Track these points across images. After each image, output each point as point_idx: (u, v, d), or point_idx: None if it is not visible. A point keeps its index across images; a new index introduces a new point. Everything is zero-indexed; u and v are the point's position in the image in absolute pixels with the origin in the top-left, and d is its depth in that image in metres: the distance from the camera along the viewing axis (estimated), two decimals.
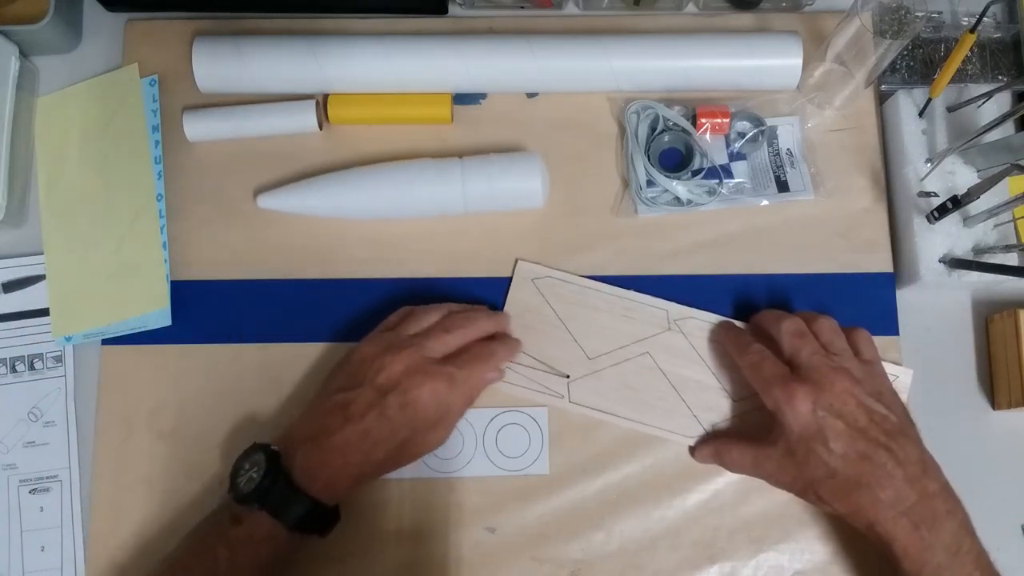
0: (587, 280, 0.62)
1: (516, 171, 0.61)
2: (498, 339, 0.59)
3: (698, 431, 0.60)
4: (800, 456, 0.52)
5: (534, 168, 0.61)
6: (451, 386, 0.54)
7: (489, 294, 0.62)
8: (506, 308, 0.62)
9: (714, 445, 0.58)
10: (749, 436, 0.57)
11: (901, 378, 0.60)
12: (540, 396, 0.60)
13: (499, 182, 0.61)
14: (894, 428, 0.52)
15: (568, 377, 0.61)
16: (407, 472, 0.58)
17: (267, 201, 0.62)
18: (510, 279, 0.62)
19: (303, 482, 0.51)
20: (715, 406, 0.60)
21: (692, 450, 0.59)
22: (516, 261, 0.62)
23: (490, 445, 0.60)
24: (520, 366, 0.61)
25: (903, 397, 0.59)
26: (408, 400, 0.53)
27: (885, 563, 0.51)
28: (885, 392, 0.54)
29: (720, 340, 0.60)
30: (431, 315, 0.58)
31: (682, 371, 0.60)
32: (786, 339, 0.55)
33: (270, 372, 0.61)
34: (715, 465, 0.59)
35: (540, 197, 0.61)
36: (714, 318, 0.61)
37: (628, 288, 0.62)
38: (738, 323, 0.61)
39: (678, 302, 0.62)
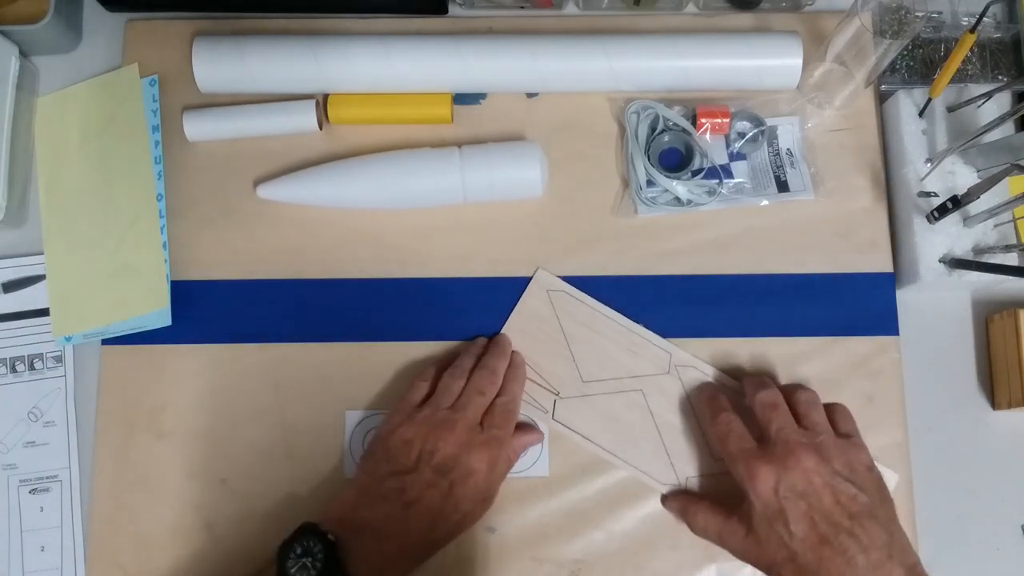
0: (600, 304, 0.62)
1: (515, 159, 0.61)
2: (508, 376, 0.59)
3: (672, 479, 0.59)
4: (762, 536, 0.51)
5: (533, 156, 0.61)
6: (500, 449, 0.55)
7: (489, 295, 0.62)
8: (515, 312, 0.62)
9: (683, 503, 0.57)
10: (719, 503, 0.55)
11: (888, 479, 0.57)
12: (526, 407, 0.60)
13: (498, 171, 0.61)
14: (861, 510, 0.49)
15: (558, 394, 0.60)
16: None
17: (266, 191, 0.62)
18: (510, 279, 0.62)
19: (359, 574, 0.49)
20: (694, 459, 0.59)
21: (663, 499, 0.59)
22: (536, 269, 0.62)
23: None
24: None
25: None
26: (469, 475, 0.53)
27: None
28: (859, 470, 0.52)
29: (695, 403, 0.59)
30: (456, 383, 0.57)
31: (671, 417, 0.60)
32: (758, 409, 0.54)
33: (270, 372, 0.61)
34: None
35: (539, 186, 0.61)
36: (714, 372, 0.61)
37: (627, 288, 0.62)
38: (726, 380, 0.60)
39: (674, 303, 0.62)
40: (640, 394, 0.60)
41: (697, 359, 0.61)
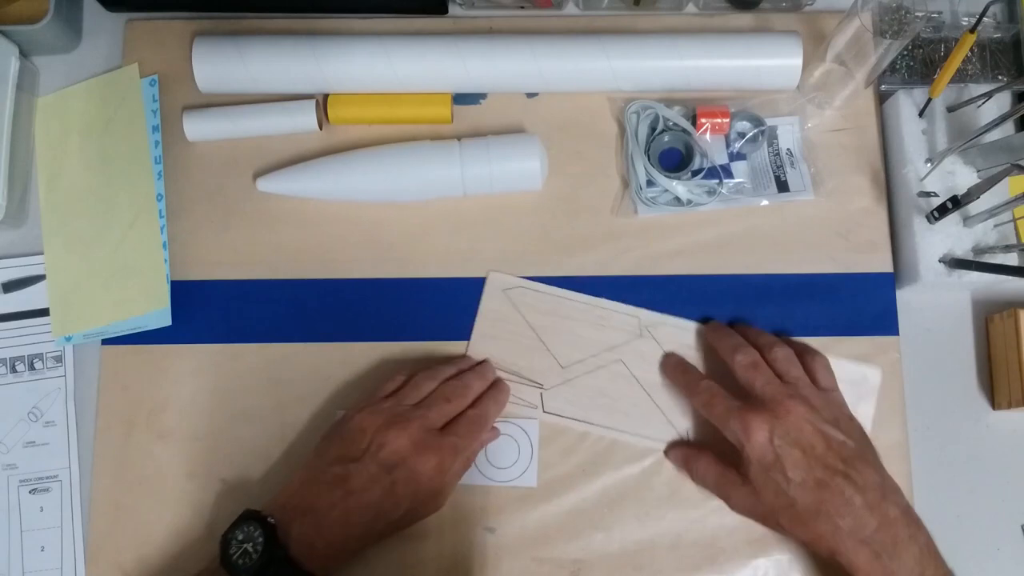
0: (558, 289, 0.62)
1: (514, 151, 0.61)
2: (487, 395, 0.59)
3: (672, 435, 0.60)
4: (759, 485, 0.52)
5: (533, 149, 0.61)
6: (455, 457, 0.54)
7: None
8: (479, 319, 0.62)
9: (685, 452, 0.58)
10: (720, 456, 0.56)
11: (870, 379, 0.60)
12: (514, 408, 0.60)
13: (498, 163, 0.61)
14: (852, 454, 0.51)
15: (542, 387, 0.60)
16: None
17: (266, 184, 0.62)
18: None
19: (300, 557, 0.50)
20: (689, 411, 0.60)
21: (666, 451, 0.59)
22: (488, 272, 0.62)
23: (480, 455, 0.59)
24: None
25: (872, 398, 0.60)
26: (414, 475, 0.52)
27: None
28: (842, 418, 0.54)
29: (669, 379, 0.60)
30: (428, 383, 0.57)
31: (655, 377, 0.60)
32: (740, 371, 0.55)
33: (270, 372, 0.61)
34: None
35: (539, 178, 0.62)
36: (684, 323, 0.61)
37: (627, 288, 0.62)
38: (694, 329, 0.61)
39: (674, 303, 0.62)
40: (620, 363, 0.61)
41: (664, 315, 0.61)
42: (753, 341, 0.58)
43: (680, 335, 0.61)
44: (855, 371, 0.60)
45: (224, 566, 0.50)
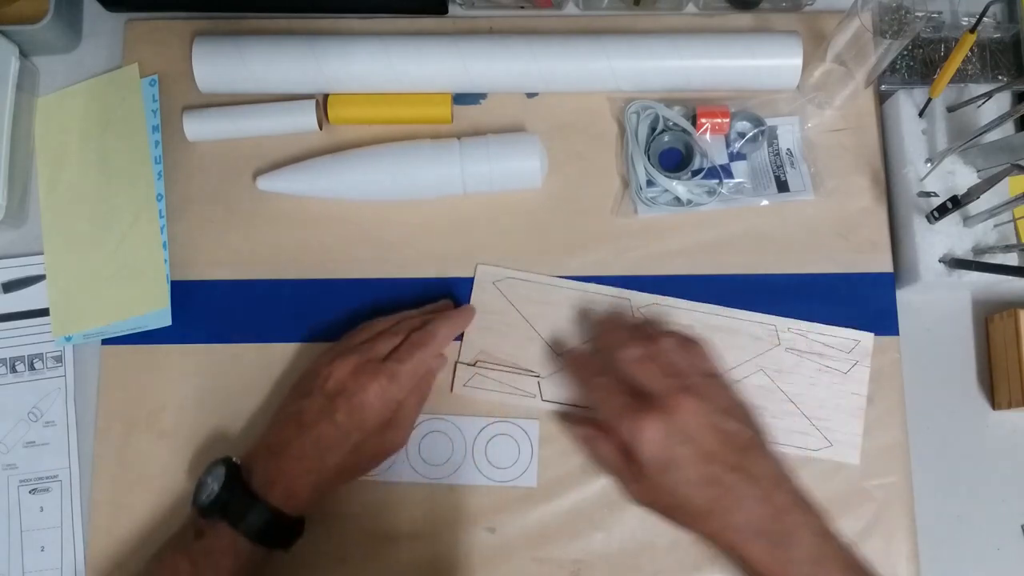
0: (547, 277, 0.62)
1: (514, 149, 0.61)
2: (439, 317, 0.58)
3: None
4: (653, 484, 0.50)
5: (532, 147, 0.61)
6: (393, 380, 0.54)
7: None
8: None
9: (586, 431, 0.55)
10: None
11: (863, 342, 0.60)
12: (513, 398, 0.60)
13: (498, 162, 0.61)
14: (747, 443, 0.50)
15: (539, 376, 0.61)
16: (395, 475, 0.59)
17: (266, 183, 0.62)
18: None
19: (262, 490, 0.51)
20: None
21: (568, 422, 0.58)
22: (476, 266, 0.62)
23: (479, 454, 0.60)
24: (490, 370, 0.60)
25: (866, 362, 0.60)
26: (354, 403, 0.53)
27: None
28: (734, 405, 0.53)
29: (568, 372, 0.60)
30: (383, 323, 0.58)
31: None
32: (625, 367, 0.53)
33: (270, 372, 0.61)
34: None
35: (539, 176, 0.62)
36: (675, 302, 0.61)
37: (628, 288, 0.62)
38: (686, 308, 0.61)
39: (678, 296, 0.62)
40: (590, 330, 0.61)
41: (655, 295, 0.61)
42: (637, 334, 0.56)
43: (672, 314, 0.61)
44: (848, 336, 0.61)
45: (194, 507, 0.52)
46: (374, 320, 0.59)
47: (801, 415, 0.60)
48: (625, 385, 0.53)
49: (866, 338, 0.61)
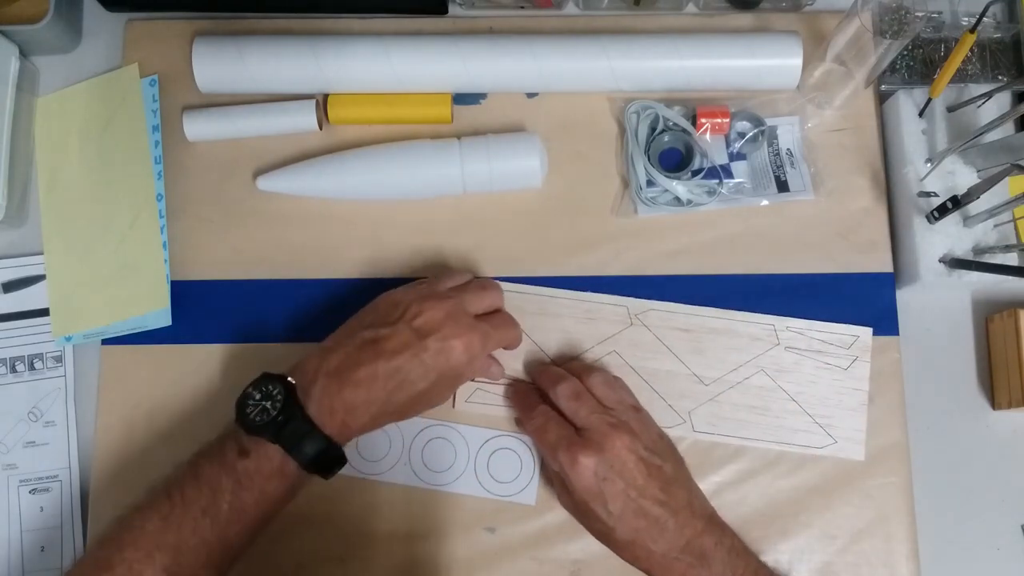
0: (543, 288, 0.62)
1: (514, 149, 0.61)
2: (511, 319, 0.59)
3: (676, 420, 0.60)
4: (582, 510, 0.54)
5: (532, 147, 0.61)
6: (485, 340, 0.54)
7: None
8: None
9: (537, 432, 0.56)
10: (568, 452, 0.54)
11: (862, 338, 0.61)
12: (512, 411, 0.60)
13: (498, 161, 0.61)
14: (669, 478, 0.54)
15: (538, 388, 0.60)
16: (394, 477, 0.59)
17: (266, 182, 0.62)
18: (509, 280, 0.62)
19: (320, 418, 0.50)
20: (688, 393, 0.60)
21: (517, 420, 0.59)
22: (471, 278, 0.62)
23: (481, 466, 0.60)
24: (492, 385, 0.60)
25: (867, 357, 0.60)
26: (445, 347, 0.52)
27: None
28: (658, 438, 0.56)
29: (509, 401, 0.60)
30: (463, 274, 0.58)
31: (651, 364, 0.61)
32: (563, 403, 0.55)
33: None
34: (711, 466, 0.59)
35: (539, 176, 0.62)
36: (673, 307, 0.61)
37: (628, 287, 0.62)
38: (683, 311, 0.61)
39: (677, 302, 0.62)
40: (615, 354, 0.61)
41: (653, 301, 0.61)
42: (569, 369, 0.58)
43: (670, 319, 0.61)
44: (847, 333, 0.61)
45: (241, 424, 0.49)
46: (446, 272, 0.59)
47: (804, 413, 0.60)
48: (560, 418, 0.55)
49: (865, 333, 0.61)
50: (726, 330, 0.61)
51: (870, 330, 0.61)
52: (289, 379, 0.51)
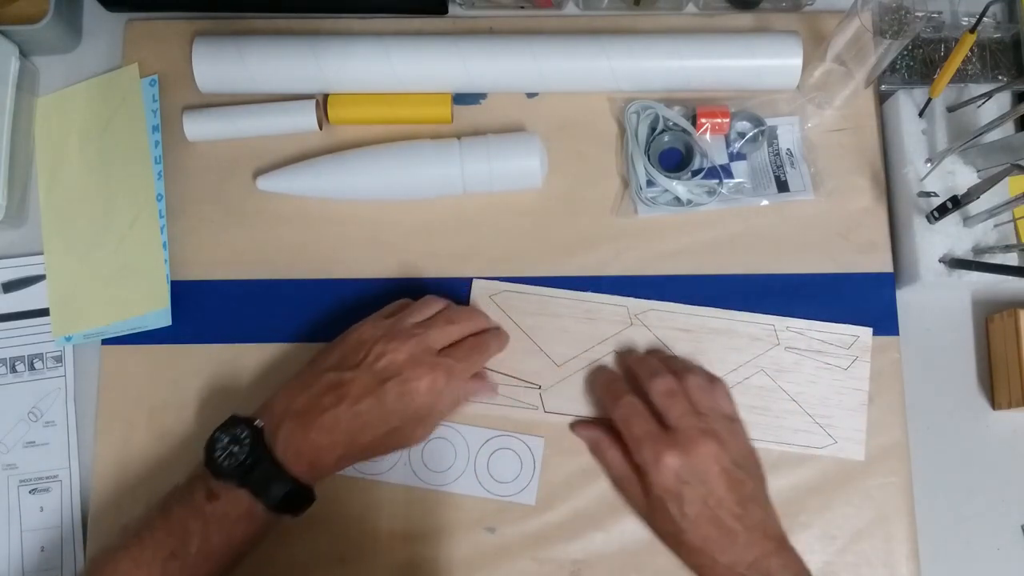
0: (543, 288, 0.62)
1: (514, 149, 0.61)
2: (490, 332, 0.59)
3: None
4: (655, 507, 0.53)
5: (532, 147, 0.61)
6: (449, 379, 0.54)
7: None
8: None
9: (597, 436, 0.58)
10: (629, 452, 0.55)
11: (863, 337, 0.61)
12: (516, 411, 0.60)
13: (498, 161, 0.61)
14: (748, 494, 0.53)
15: (540, 387, 0.61)
16: (394, 477, 0.59)
17: (266, 183, 0.62)
18: (509, 279, 0.62)
19: (286, 460, 0.50)
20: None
21: (572, 426, 0.60)
22: (471, 280, 0.62)
23: (481, 466, 0.60)
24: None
25: (867, 357, 0.60)
26: (407, 389, 0.53)
27: None
28: (747, 453, 0.55)
29: (593, 386, 0.60)
30: (433, 306, 0.58)
31: None
32: (657, 399, 0.55)
33: (270, 372, 0.61)
34: None
35: (539, 176, 0.62)
36: (672, 307, 0.61)
37: (628, 287, 0.62)
38: (681, 312, 0.61)
39: (677, 302, 0.62)
40: (615, 355, 0.61)
41: (653, 301, 0.61)
42: (668, 366, 0.58)
43: (670, 319, 0.61)
44: (847, 332, 0.61)
45: (208, 467, 0.50)
46: (418, 301, 0.58)
47: (804, 413, 0.60)
48: (650, 412, 0.55)
49: (865, 333, 0.61)
50: (726, 330, 0.61)
51: (870, 330, 0.61)
52: (256, 422, 0.52)
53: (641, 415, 0.55)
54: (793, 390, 0.60)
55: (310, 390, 0.53)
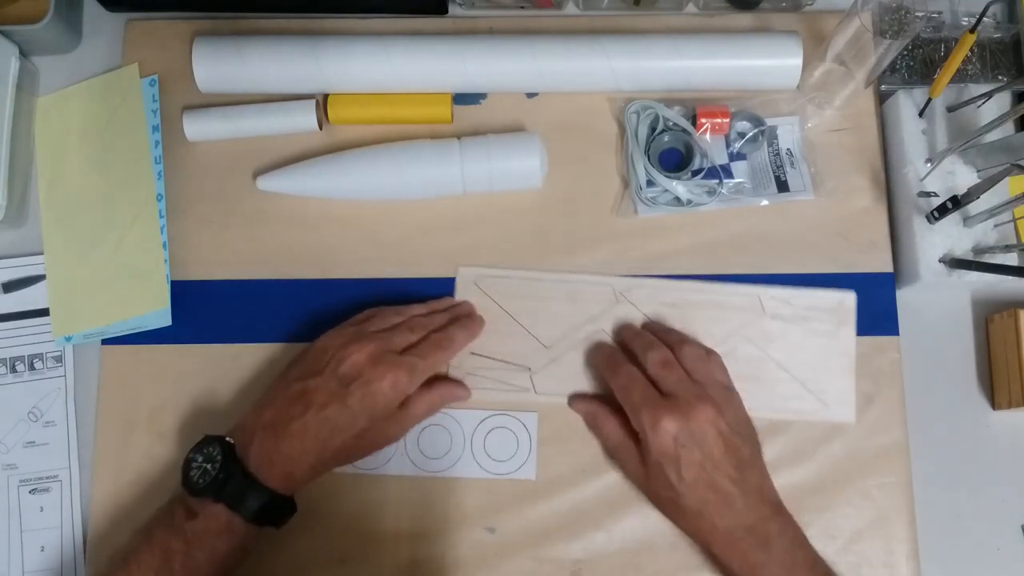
0: (526, 272, 0.62)
1: (514, 149, 0.61)
2: (457, 323, 0.60)
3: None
4: (653, 474, 0.54)
5: (532, 147, 0.61)
6: (411, 375, 0.55)
7: None
8: None
9: (594, 409, 0.59)
10: (627, 422, 0.56)
11: (846, 302, 0.61)
12: (507, 395, 0.60)
13: (498, 161, 0.61)
14: (745, 459, 0.54)
15: (530, 370, 0.61)
16: (393, 469, 0.59)
17: (266, 183, 0.62)
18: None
19: (259, 472, 0.51)
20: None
21: (570, 400, 0.60)
22: (457, 268, 0.62)
23: (478, 447, 0.60)
24: (482, 368, 0.61)
25: (851, 322, 0.61)
26: (370, 391, 0.53)
27: None
28: (743, 420, 0.56)
29: (592, 359, 0.61)
30: (395, 317, 0.58)
31: None
32: (653, 369, 0.56)
33: (270, 372, 0.61)
34: None
35: (539, 176, 0.62)
36: (657, 282, 0.62)
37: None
38: (665, 288, 0.62)
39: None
40: (602, 332, 0.61)
41: (636, 277, 0.62)
42: (663, 339, 0.59)
43: (656, 295, 0.62)
44: (830, 298, 0.61)
45: (185, 487, 0.51)
46: (382, 309, 0.59)
47: (793, 380, 0.60)
48: (647, 380, 0.56)
49: (849, 298, 0.61)
50: (711, 303, 0.62)
51: (853, 294, 0.61)
52: (227, 439, 0.53)
53: (639, 382, 0.56)
54: (781, 358, 0.61)
55: (278, 402, 0.54)
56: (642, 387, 0.55)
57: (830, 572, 0.53)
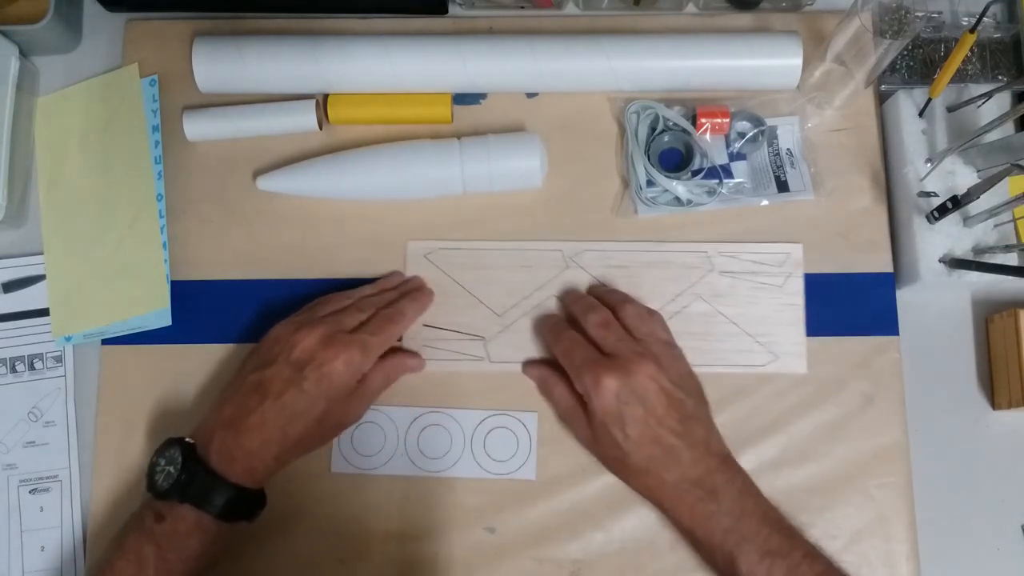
0: (475, 242, 0.63)
1: (514, 149, 0.61)
2: (406, 296, 0.60)
3: None
4: (599, 434, 0.55)
5: (532, 147, 0.61)
6: (364, 352, 0.55)
7: None
8: None
9: (544, 373, 0.59)
10: (574, 387, 0.57)
11: (793, 254, 0.62)
12: (461, 364, 0.61)
13: (498, 161, 0.61)
14: (689, 413, 0.54)
15: (483, 339, 0.61)
16: (393, 469, 0.59)
17: (267, 183, 0.62)
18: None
19: (222, 468, 0.51)
20: None
21: (524, 366, 0.60)
22: (407, 243, 0.63)
23: (478, 447, 0.60)
24: (436, 339, 0.61)
25: (799, 273, 0.62)
26: (324, 373, 0.53)
27: (683, 534, 0.55)
28: (685, 375, 0.57)
29: (538, 330, 0.61)
30: (344, 300, 0.59)
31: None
32: (592, 330, 0.57)
33: None
34: None
35: (538, 176, 0.62)
36: (605, 245, 0.62)
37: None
38: (611, 251, 0.62)
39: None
40: (553, 299, 0.62)
41: (585, 242, 0.62)
42: (606, 300, 0.59)
43: (604, 258, 0.62)
44: (778, 250, 0.62)
45: (150, 491, 0.52)
46: (331, 295, 0.59)
47: (744, 334, 0.61)
48: (588, 343, 0.56)
49: (796, 249, 0.62)
50: (660, 262, 0.62)
51: (800, 246, 0.62)
52: (187, 439, 0.53)
53: (580, 345, 0.56)
54: (731, 312, 0.61)
55: (235, 397, 0.54)
56: (583, 349, 0.56)
57: (783, 520, 0.54)
